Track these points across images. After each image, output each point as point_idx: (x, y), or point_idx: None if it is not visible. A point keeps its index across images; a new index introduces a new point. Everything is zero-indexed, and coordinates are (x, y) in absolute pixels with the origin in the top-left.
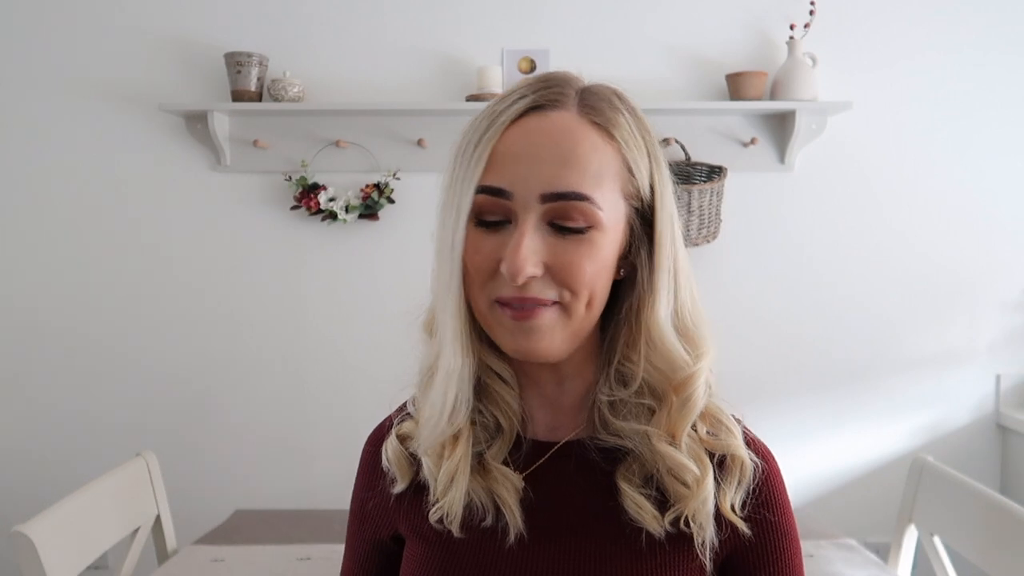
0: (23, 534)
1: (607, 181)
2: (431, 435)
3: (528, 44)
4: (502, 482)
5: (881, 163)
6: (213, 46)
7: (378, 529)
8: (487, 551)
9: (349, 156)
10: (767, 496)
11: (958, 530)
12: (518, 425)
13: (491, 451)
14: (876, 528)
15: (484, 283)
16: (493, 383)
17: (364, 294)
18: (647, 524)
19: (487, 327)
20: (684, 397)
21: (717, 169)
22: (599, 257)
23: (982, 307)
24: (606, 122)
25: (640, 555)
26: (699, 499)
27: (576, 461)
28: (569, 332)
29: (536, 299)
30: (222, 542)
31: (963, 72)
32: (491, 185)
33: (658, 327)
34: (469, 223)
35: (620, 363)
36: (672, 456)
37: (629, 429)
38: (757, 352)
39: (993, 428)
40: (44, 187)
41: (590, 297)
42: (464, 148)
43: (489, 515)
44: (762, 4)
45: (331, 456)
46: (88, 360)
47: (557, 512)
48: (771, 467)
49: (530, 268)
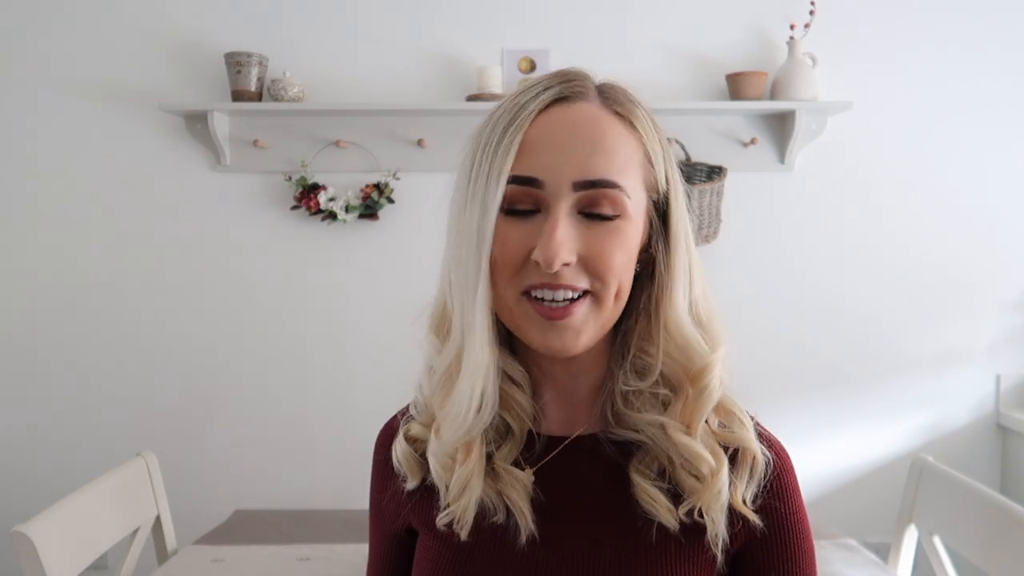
0: (23, 534)
1: (632, 170)
2: (457, 434)
3: (528, 44)
4: (512, 484)
5: (881, 163)
6: (213, 46)
7: (394, 524)
8: (498, 550)
9: (349, 156)
10: (779, 489)
11: (958, 530)
12: (530, 423)
13: (500, 452)
14: (876, 528)
15: (513, 275)
16: (505, 386)
17: (364, 294)
18: (660, 516)
19: (512, 322)
20: (701, 387)
21: (717, 169)
22: (627, 246)
23: (982, 307)
24: (628, 113)
25: (652, 548)
26: (713, 491)
27: (588, 455)
28: (599, 325)
29: (569, 286)
30: (222, 542)
31: (963, 72)
32: (522, 175)
33: (676, 317)
34: (500, 213)
35: (636, 355)
36: (688, 446)
37: (644, 420)
38: (757, 352)
39: (993, 428)
40: (44, 187)
41: (619, 287)
42: (488, 139)
43: (500, 514)
44: (762, 4)
45: (331, 456)
46: (88, 360)
47: (569, 508)
48: (783, 461)
49: (565, 254)
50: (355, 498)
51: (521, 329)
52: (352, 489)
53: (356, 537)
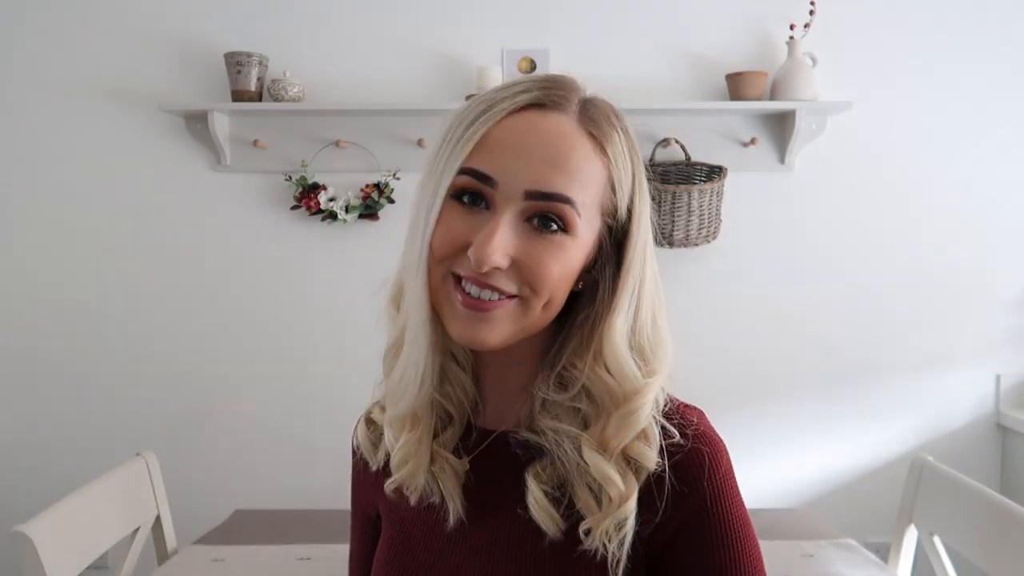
0: (23, 534)
1: (590, 192)
2: (400, 405)
3: (528, 44)
4: (445, 468)
5: (881, 163)
6: (213, 46)
7: (366, 507)
8: (434, 530)
9: (349, 156)
10: (692, 479)
11: (958, 530)
12: (469, 411)
13: (441, 437)
14: (876, 528)
15: (444, 258)
16: (449, 364)
17: (364, 294)
18: (543, 523)
19: (436, 302)
20: (626, 411)
21: (717, 169)
22: (567, 263)
23: (982, 307)
24: (601, 136)
25: (539, 554)
26: (617, 517)
27: (501, 453)
28: (519, 327)
29: (496, 287)
30: (222, 542)
31: (963, 72)
32: (477, 169)
33: (612, 342)
34: (447, 198)
35: (564, 368)
36: (600, 466)
37: (556, 429)
38: (756, 352)
39: (993, 428)
40: (44, 187)
41: (549, 299)
42: (454, 127)
43: (435, 496)
44: (762, 4)
45: (331, 456)
46: (88, 360)
47: (485, 500)
48: (701, 452)
49: (497, 258)
50: None
51: (443, 312)
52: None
53: None
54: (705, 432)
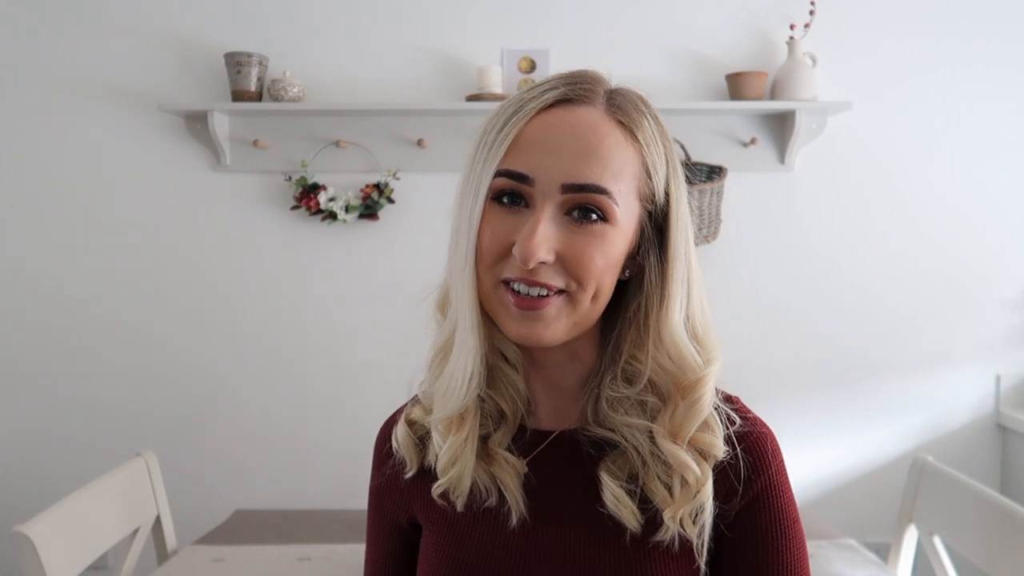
0: (23, 534)
1: (625, 180)
2: (448, 407)
3: (528, 44)
4: (505, 467)
5: (881, 163)
6: (213, 46)
7: (396, 514)
8: (491, 532)
9: (349, 156)
10: (761, 465)
11: (958, 530)
12: (523, 409)
13: (495, 437)
14: (876, 528)
15: (493, 264)
16: (500, 364)
17: (364, 294)
18: (625, 519)
19: (490, 309)
20: (692, 399)
21: (717, 169)
22: (609, 252)
23: (982, 307)
24: (631, 123)
25: (622, 549)
26: (696, 502)
27: (568, 452)
28: (572, 321)
29: (544, 284)
30: (222, 542)
31: (963, 72)
32: (513, 169)
33: (671, 330)
34: (487, 201)
35: (627, 361)
36: (676, 455)
37: (628, 424)
38: (756, 352)
39: (993, 428)
40: (44, 187)
41: (597, 290)
42: (488, 131)
43: (492, 498)
44: (762, 4)
45: (331, 456)
46: (88, 359)
47: (551, 500)
48: (764, 439)
49: (542, 253)
50: (355, 498)
51: (497, 316)
52: (352, 489)
53: (356, 537)
54: (757, 418)
